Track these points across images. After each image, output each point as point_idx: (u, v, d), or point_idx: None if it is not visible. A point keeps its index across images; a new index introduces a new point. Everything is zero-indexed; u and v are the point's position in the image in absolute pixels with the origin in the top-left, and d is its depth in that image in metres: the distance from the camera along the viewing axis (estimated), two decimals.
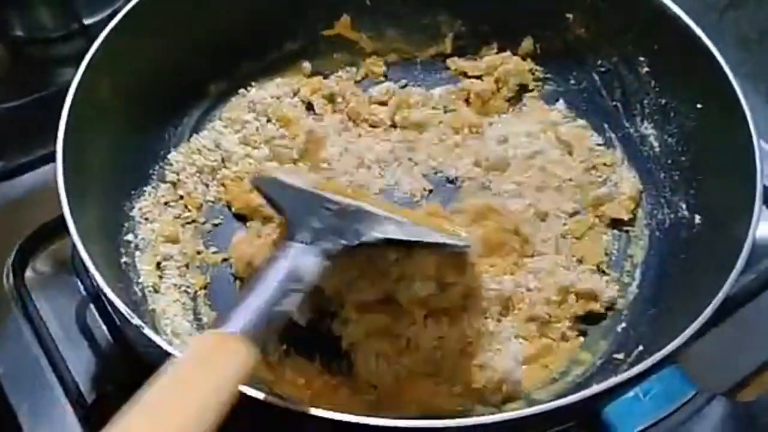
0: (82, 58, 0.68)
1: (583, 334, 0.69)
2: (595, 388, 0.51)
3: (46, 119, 0.65)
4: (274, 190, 0.64)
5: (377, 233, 0.57)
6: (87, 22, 0.87)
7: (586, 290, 0.70)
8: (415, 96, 0.84)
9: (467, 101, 0.84)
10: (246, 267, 0.69)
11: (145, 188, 0.75)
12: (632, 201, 0.75)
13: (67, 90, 0.66)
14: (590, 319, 0.70)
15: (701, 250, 0.67)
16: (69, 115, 0.65)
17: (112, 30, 0.70)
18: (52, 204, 0.61)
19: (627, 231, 0.75)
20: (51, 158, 0.64)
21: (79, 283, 0.73)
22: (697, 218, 0.70)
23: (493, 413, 0.61)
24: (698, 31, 0.70)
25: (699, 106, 0.71)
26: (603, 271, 0.72)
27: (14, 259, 0.71)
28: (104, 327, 0.70)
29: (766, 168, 0.64)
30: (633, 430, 0.50)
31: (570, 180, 0.77)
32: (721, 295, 0.56)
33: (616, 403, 0.51)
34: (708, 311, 0.55)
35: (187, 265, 0.72)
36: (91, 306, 0.72)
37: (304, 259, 0.52)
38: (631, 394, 0.52)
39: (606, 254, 0.73)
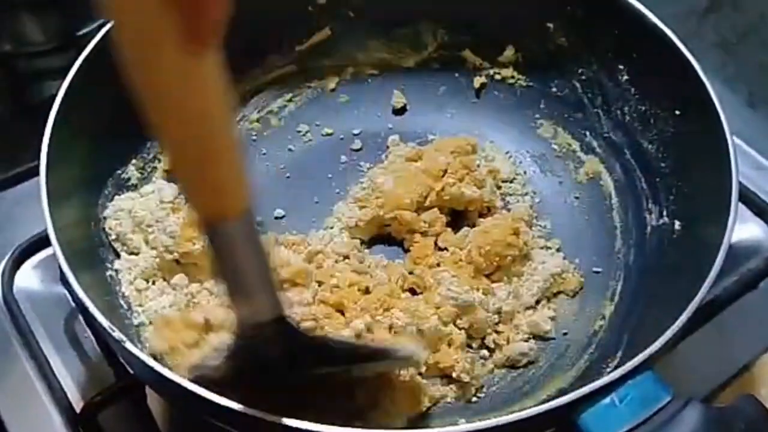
0: (69, 70, 0.69)
1: None
2: (571, 395, 0.52)
3: (34, 132, 0.65)
4: None
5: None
6: (76, 33, 0.87)
7: None
8: None
9: None
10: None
11: None
12: None
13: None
14: None
15: (681, 256, 0.68)
16: (53, 127, 0.65)
17: (98, 43, 0.70)
18: (40, 216, 0.61)
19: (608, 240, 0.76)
20: (37, 171, 0.64)
21: (68, 295, 0.73)
22: (677, 224, 0.70)
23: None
24: (674, 38, 0.71)
25: (677, 112, 0.72)
26: None
27: (3, 272, 0.72)
28: (92, 338, 0.71)
29: (744, 168, 0.65)
30: None
31: None
32: (696, 301, 0.57)
33: (593, 409, 0.52)
34: (683, 317, 0.56)
35: None
36: (80, 317, 0.72)
37: None
38: (607, 400, 0.52)
39: None
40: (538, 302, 0.71)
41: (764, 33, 0.83)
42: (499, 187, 0.79)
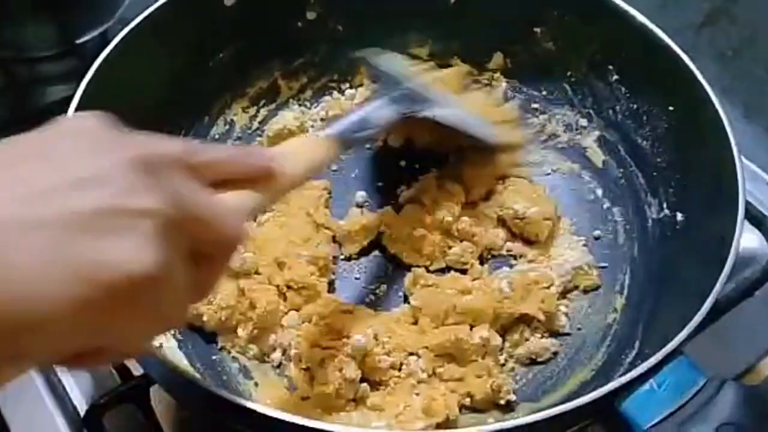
0: (71, 77, 0.67)
1: None
2: (612, 384, 0.52)
3: None
4: (376, 66, 0.81)
5: (438, 112, 0.73)
6: (77, 41, 0.86)
7: None
8: None
9: None
10: None
11: None
12: None
13: (55, 109, 0.65)
14: None
15: (686, 245, 0.70)
16: None
17: (110, 53, 0.69)
18: None
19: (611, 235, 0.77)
20: None
21: None
22: (680, 216, 0.72)
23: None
24: (661, 34, 0.73)
25: (671, 108, 0.74)
26: None
27: None
28: None
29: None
30: (652, 420, 0.52)
31: None
32: (716, 291, 0.58)
33: (633, 396, 0.53)
34: (707, 305, 0.57)
35: None
36: None
37: (381, 110, 0.67)
38: (646, 387, 0.53)
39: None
40: None
41: (759, 46, 0.85)
42: None
